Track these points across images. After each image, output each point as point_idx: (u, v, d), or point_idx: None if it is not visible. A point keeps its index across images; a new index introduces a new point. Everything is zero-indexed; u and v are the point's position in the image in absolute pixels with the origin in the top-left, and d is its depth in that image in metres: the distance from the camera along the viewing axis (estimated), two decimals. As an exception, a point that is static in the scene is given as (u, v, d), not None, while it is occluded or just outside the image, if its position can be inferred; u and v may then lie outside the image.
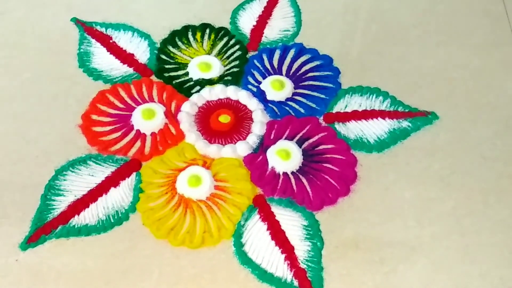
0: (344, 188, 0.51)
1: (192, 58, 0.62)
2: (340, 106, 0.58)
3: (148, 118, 0.56)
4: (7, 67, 0.62)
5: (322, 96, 0.59)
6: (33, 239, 0.48)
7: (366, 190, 0.52)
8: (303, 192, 0.51)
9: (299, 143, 0.55)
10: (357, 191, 0.52)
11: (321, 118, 0.57)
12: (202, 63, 0.61)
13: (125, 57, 0.63)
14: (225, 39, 0.64)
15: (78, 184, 0.52)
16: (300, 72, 0.61)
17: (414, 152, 0.54)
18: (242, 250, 0.48)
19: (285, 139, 0.55)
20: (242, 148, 0.54)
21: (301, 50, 0.63)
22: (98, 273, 0.47)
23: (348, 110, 0.58)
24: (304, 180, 0.52)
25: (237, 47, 0.63)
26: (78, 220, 0.50)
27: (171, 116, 0.57)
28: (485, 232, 0.49)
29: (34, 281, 0.46)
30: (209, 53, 0.63)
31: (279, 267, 0.47)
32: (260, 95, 0.59)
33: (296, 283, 0.46)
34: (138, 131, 0.56)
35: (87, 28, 0.66)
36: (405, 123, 0.57)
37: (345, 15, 0.67)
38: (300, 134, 0.56)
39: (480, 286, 0.46)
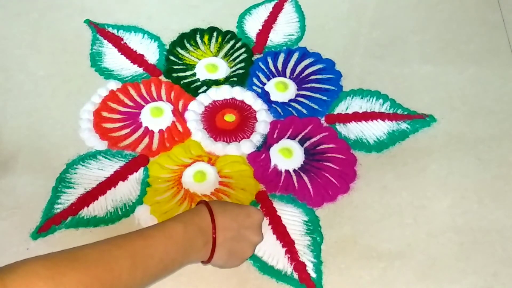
0: (344, 186, 0.53)
1: (199, 59, 0.64)
2: (341, 108, 0.59)
3: (156, 116, 0.58)
4: (22, 65, 0.64)
5: (324, 98, 0.60)
6: (43, 229, 0.50)
7: (365, 188, 0.53)
8: (304, 189, 0.52)
9: (301, 142, 0.56)
10: (356, 189, 0.53)
11: (323, 119, 0.58)
12: (209, 65, 0.63)
13: (136, 58, 0.64)
14: (232, 42, 0.66)
15: (88, 177, 0.53)
16: (303, 74, 0.63)
17: (412, 153, 0.55)
18: (244, 243, 0.49)
19: (288, 138, 0.56)
20: (246, 146, 0.56)
21: (304, 53, 0.64)
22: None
23: (349, 111, 0.59)
24: (305, 178, 0.53)
25: (243, 50, 0.65)
26: (87, 212, 0.51)
27: (179, 115, 0.59)
28: (479, 230, 0.50)
29: (44, 269, 0.48)
30: (216, 55, 0.64)
31: (279, 260, 0.48)
32: (264, 96, 0.60)
33: (296, 275, 0.47)
34: (146, 128, 0.57)
35: (99, 30, 0.67)
36: (403, 125, 0.58)
37: (348, 21, 0.69)
38: (302, 134, 0.57)
39: (474, 282, 0.46)
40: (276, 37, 0.67)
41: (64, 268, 0.33)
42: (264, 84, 0.62)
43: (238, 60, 0.64)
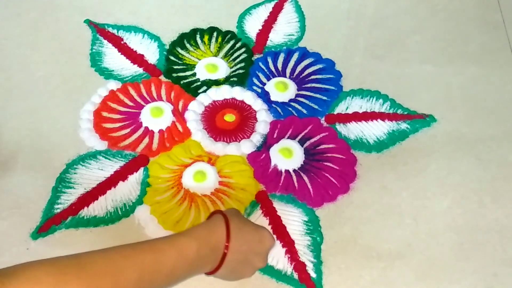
0: (344, 186, 0.53)
1: (199, 59, 0.64)
2: (341, 108, 0.59)
3: (156, 116, 0.58)
4: (23, 65, 0.64)
5: (324, 98, 0.60)
6: (43, 229, 0.50)
7: (365, 188, 0.53)
8: (304, 189, 0.52)
9: (301, 142, 0.56)
10: (356, 189, 0.53)
11: (323, 119, 0.58)
12: (209, 65, 0.63)
13: (135, 58, 0.64)
14: (232, 42, 0.66)
15: (88, 177, 0.53)
16: (303, 74, 0.63)
17: (412, 153, 0.55)
18: (244, 243, 0.49)
19: (288, 138, 0.56)
20: (246, 146, 0.56)
21: (304, 53, 0.64)
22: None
23: (349, 111, 0.59)
24: (305, 178, 0.53)
25: (243, 50, 0.65)
26: (87, 212, 0.51)
27: (179, 115, 0.59)
28: (479, 230, 0.50)
29: (44, 269, 0.48)
30: (216, 55, 0.64)
31: (280, 260, 0.48)
32: (264, 96, 0.60)
33: (296, 275, 0.47)
34: (146, 128, 0.58)
35: (99, 30, 0.68)
36: (403, 125, 0.58)
37: (348, 21, 0.69)
38: (302, 134, 0.57)
39: (474, 282, 0.46)
40: (276, 37, 0.67)
41: (68, 276, 0.32)
42: (264, 84, 0.62)
43: (238, 60, 0.64)
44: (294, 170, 0.54)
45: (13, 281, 0.30)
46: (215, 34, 0.67)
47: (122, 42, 0.66)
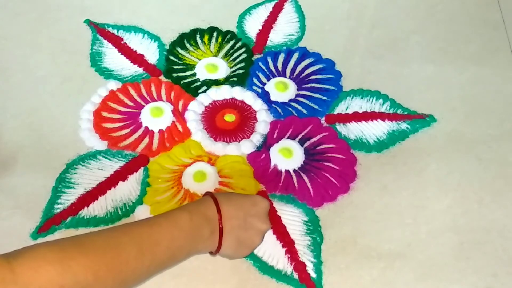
0: (344, 186, 0.53)
1: (199, 59, 0.64)
2: (341, 108, 0.59)
3: (156, 116, 0.58)
4: (23, 65, 0.64)
5: (324, 98, 0.60)
6: (43, 229, 0.50)
7: (365, 188, 0.53)
8: (304, 189, 0.52)
9: (301, 142, 0.56)
10: (356, 189, 0.53)
11: (323, 119, 0.58)
12: (209, 65, 0.63)
13: (135, 58, 0.64)
14: (232, 42, 0.66)
15: (88, 177, 0.53)
16: (303, 74, 0.63)
17: (412, 153, 0.55)
18: (244, 243, 0.49)
19: (288, 138, 0.56)
20: (246, 146, 0.56)
21: (304, 53, 0.64)
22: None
23: (349, 111, 0.59)
24: (305, 178, 0.53)
25: (243, 50, 0.65)
26: (87, 212, 0.51)
27: (179, 115, 0.59)
28: (479, 230, 0.50)
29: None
30: (216, 55, 0.65)
31: (280, 260, 0.48)
32: (264, 96, 0.60)
33: (296, 275, 0.47)
34: (146, 128, 0.58)
35: (99, 30, 0.68)
36: (403, 125, 0.58)
37: (348, 21, 0.69)
38: (302, 134, 0.57)
39: (474, 282, 0.46)
40: (276, 37, 0.67)
41: (72, 253, 0.33)
42: (264, 84, 0.62)
43: (238, 60, 0.64)
44: (294, 170, 0.54)
45: (19, 259, 0.32)
46: (215, 34, 0.67)
47: (122, 42, 0.66)
